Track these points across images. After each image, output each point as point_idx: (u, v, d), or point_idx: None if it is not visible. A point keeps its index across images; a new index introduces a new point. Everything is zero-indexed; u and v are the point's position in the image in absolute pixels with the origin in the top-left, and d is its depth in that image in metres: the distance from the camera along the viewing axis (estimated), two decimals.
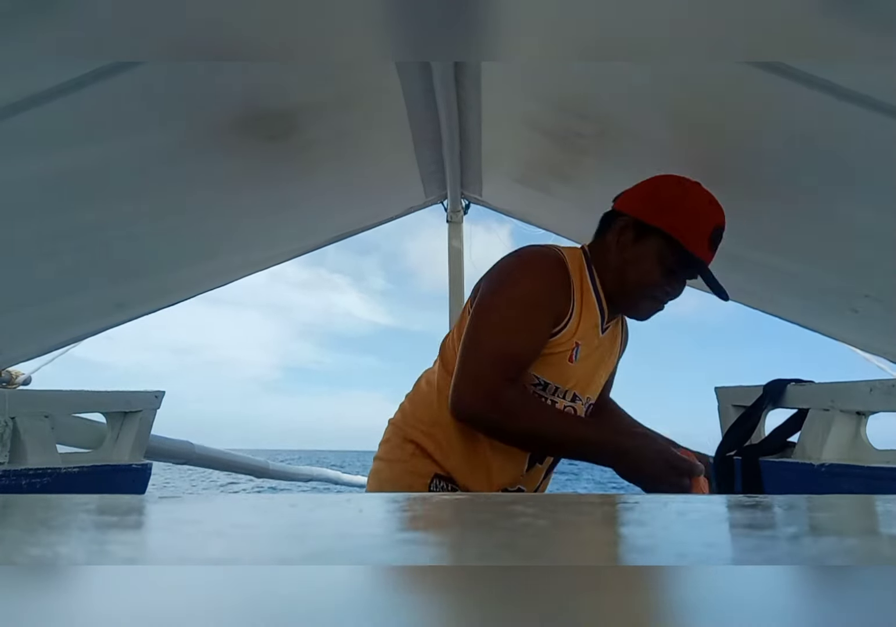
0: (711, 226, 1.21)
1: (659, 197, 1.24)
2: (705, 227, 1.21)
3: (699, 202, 1.22)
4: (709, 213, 1.22)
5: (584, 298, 1.24)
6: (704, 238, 1.21)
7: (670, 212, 1.21)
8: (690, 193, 1.23)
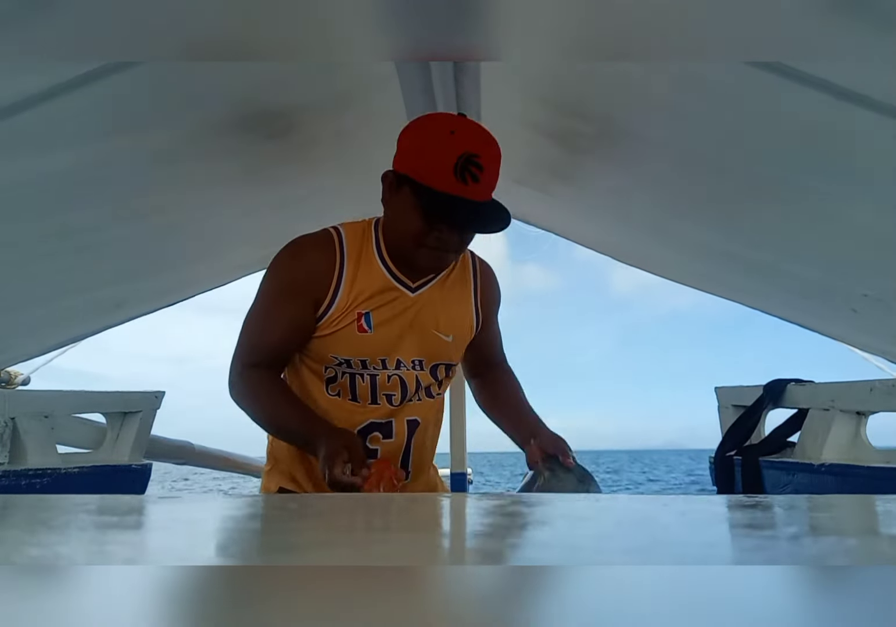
0: (452, 157, 1.10)
1: (401, 140, 1.19)
2: (445, 161, 1.10)
3: (434, 137, 1.13)
4: (447, 146, 1.11)
5: (361, 268, 1.24)
6: (448, 173, 1.10)
7: (408, 153, 1.17)
8: (426, 131, 1.16)
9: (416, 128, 1.18)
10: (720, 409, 2.15)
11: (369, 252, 1.26)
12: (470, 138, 1.13)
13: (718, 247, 1.73)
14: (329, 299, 1.22)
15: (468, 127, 1.15)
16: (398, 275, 1.25)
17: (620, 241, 2.21)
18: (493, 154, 1.15)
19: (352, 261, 1.23)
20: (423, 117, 1.21)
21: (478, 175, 1.12)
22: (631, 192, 1.70)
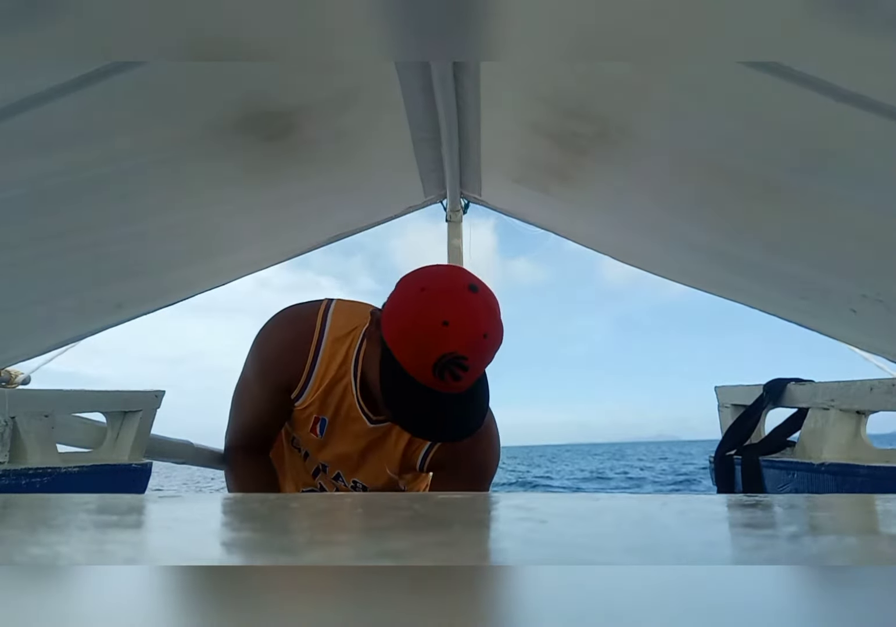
0: (436, 354, 0.99)
1: (393, 301, 1.07)
2: (427, 354, 1.00)
3: (425, 323, 1.00)
4: (435, 339, 1.00)
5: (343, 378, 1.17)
6: (426, 365, 1.00)
7: (394, 324, 1.04)
8: (421, 309, 1.02)
9: (414, 300, 1.04)
10: (720, 408, 2.15)
11: (347, 363, 1.18)
12: (464, 336, 1.00)
13: (718, 247, 1.73)
14: (297, 391, 1.20)
15: (466, 317, 1.01)
16: (361, 401, 1.19)
17: (620, 241, 2.21)
18: (487, 352, 1.03)
19: (324, 364, 1.17)
20: (430, 279, 1.06)
21: (460, 375, 1.01)
22: (631, 192, 1.70)
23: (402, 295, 1.07)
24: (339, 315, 1.20)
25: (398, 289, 1.10)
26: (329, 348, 1.17)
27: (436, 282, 1.06)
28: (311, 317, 1.19)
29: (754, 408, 1.95)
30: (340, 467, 1.26)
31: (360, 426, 1.20)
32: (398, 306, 1.06)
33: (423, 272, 1.10)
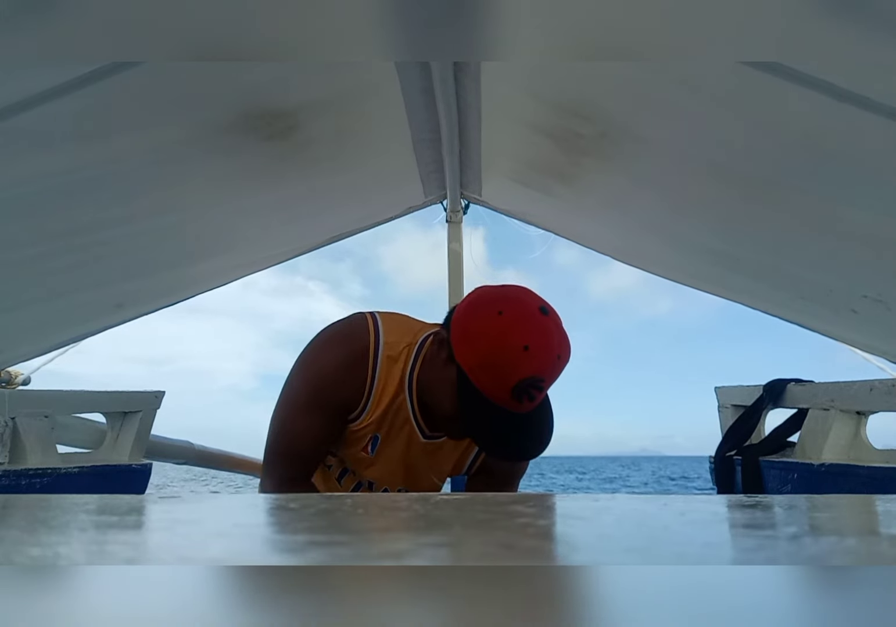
0: (516, 378, 1.02)
1: (468, 325, 1.08)
2: (508, 378, 1.02)
3: (507, 347, 1.02)
4: (516, 363, 1.02)
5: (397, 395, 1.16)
6: (505, 389, 1.03)
7: (471, 349, 1.05)
8: (501, 333, 1.03)
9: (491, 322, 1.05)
10: (720, 409, 2.15)
11: (402, 383, 1.17)
12: (542, 359, 1.03)
13: (718, 248, 1.73)
14: (357, 411, 1.17)
15: (545, 341, 1.04)
16: (419, 418, 1.19)
17: (621, 241, 2.21)
18: (559, 372, 1.07)
19: (381, 382, 1.16)
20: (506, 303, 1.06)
21: (535, 396, 1.04)
22: (631, 193, 1.70)
23: (479, 318, 1.07)
24: (390, 332, 1.18)
25: (472, 311, 1.09)
26: (385, 366, 1.15)
27: (511, 305, 1.07)
28: (363, 335, 1.16)
29: (754, 409, 1.95)
30: (388, 483, 1.25)
31: (414, 441, 1.20)
32: (476, 330, 1.06)
33: (496, 294, 1.10)
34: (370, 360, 1.14)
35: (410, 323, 1.25)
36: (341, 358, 1.14)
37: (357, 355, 1.14)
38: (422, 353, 1.17)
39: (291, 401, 1.17)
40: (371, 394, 1.15)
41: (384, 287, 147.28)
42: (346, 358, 1.14)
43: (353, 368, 1.14)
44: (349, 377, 1.14)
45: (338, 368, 1.14)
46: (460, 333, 1.08)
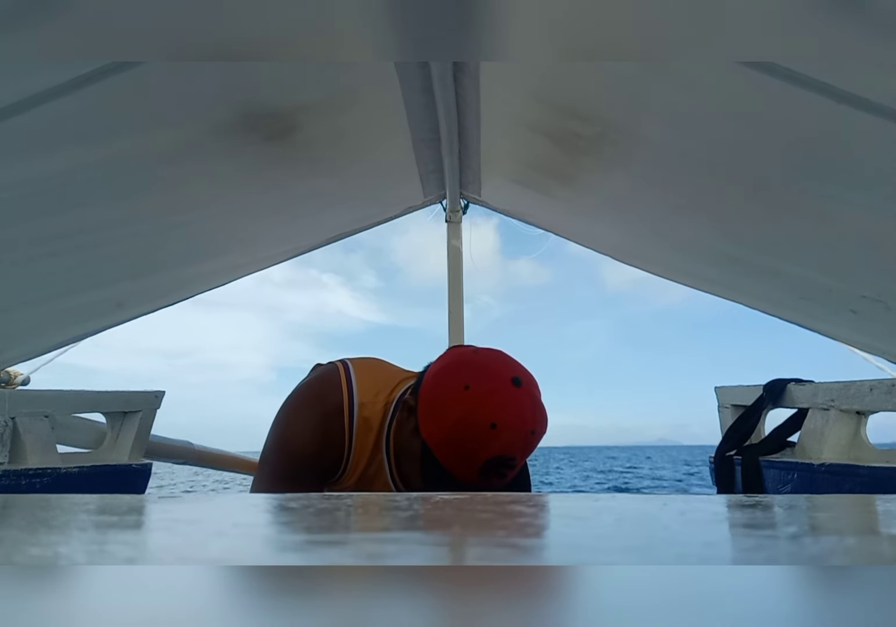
0: (483, 457, 0.96)
1: (434, 398, 1.01)
2: (474, 458, 0.97)
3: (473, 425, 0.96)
4: (483, 442, 0.96)
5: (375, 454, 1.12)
6: (472, 468, 0.97)
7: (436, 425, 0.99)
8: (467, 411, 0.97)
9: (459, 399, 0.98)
10: (720, 409, 2.15)
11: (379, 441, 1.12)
12: (512, 437, 0.96)
13: (718, 249, 1.73)
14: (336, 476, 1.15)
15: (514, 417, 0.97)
16: (397, 480, 1.15)
17: (620, 242, 2.21)
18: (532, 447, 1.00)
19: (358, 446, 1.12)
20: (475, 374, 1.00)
21: (506, 473, 0.99)
22: (630, 193, 1.70)
23: (445, 392, 1.01)
24: (364, 389, 1.12)
25: (438, 383, 1.03)
26: (360, 428, 1.10)
27: (480, 378, 1.00)
28: (335, 396, 1.10)
29: (754, 409, 1.95)
30: None
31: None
32: (440, 405, 1.00)
33: (464, 364, 1.04)
34: (345, 422, 1.10)
35: (387, 372, 1.19)
36: (313, 425, 1.09)
37: (330, 419, 1.10)
38: (398, 412, 1.11)
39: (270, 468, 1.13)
40: (349, 457, 1.11)
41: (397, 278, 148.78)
42: (319, 424, 1.09)
43: (327, 435, 1.09)
44: (324, 446, 1.10)
45: (312, 437, 1.09)
46: (426, 406, 1.01)
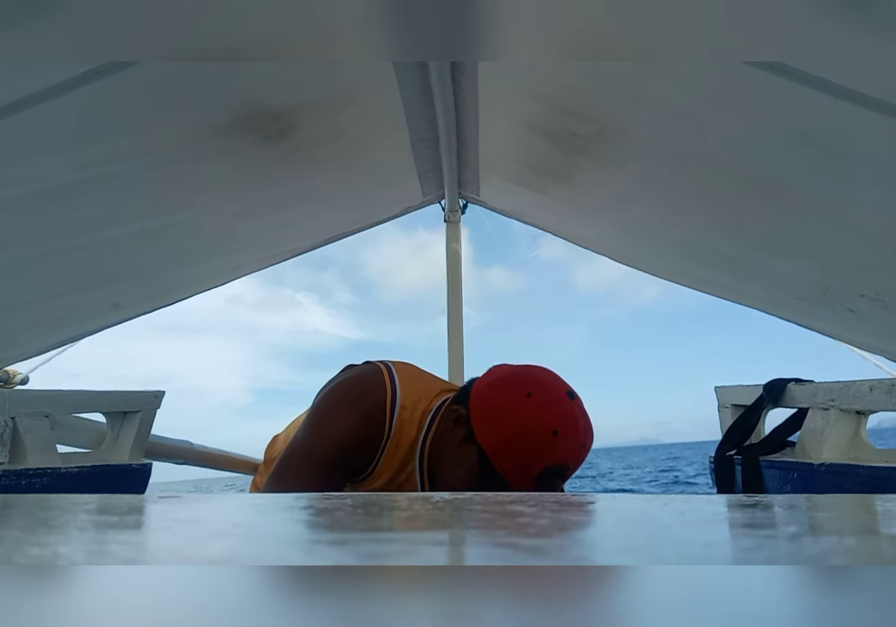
0: (542, 465, 0.99)
1: (494, 406, 1.04)
2: (533, 465, 0.99)
3: (535, 432, 0.99)
4: (543, 450, 0.99)
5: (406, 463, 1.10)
6: (529, 476, 1.00)
7: (495, 432, 1.01)
8: (529, 418, 1.00)
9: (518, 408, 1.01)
10: (720, 409, 2.15)
11: (413, 451, 1.11)
12: (569, 446, 1.00)
13: (716, 248, 1.73)
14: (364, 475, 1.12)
15: (573, 427, 1.01)
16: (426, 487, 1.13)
17: (618, 242, 2.21)
18: (583, 460, 1.02)
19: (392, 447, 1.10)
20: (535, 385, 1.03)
21: (558, 485, 1.01)
22: (629, 193, 1.70)
23: (506, 399, 1.03)
24: (407, 393, 1.12)
25: (497, 391, 1.05)
26: (398, 430, 1.10)
27: (541, 388, 1.03)
28: (379, 393, 1.10)
29: (754, 408, 1.95)
30: None
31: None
32: (501, 413, 1.02)
33: (522, 375, 1.07)
34: (386, 421, 1.09)
35: (426, 381, 1.19)
36: (359, 416, 1.08)
37: (373, 414, 1.09)
38: (436, 421, 1.12)
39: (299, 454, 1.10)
40: (381, 457, 1.10)
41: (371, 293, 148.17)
42: (363, 416, 1.08)
43: (369, 427, 1.08)
44: (363, 441, 1.08)
45: (356, 426, 1.08)
46: (484, 413, 1.04)
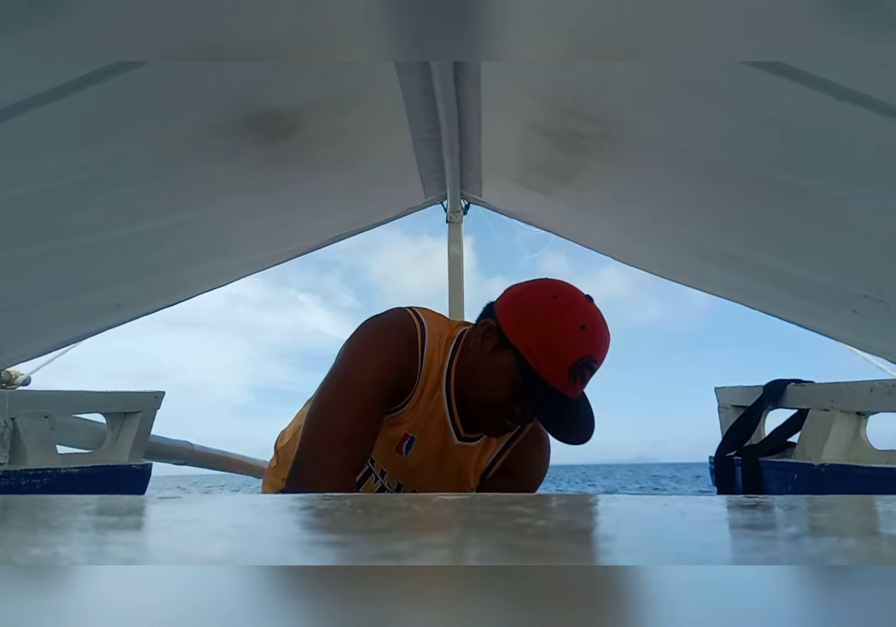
0: (574, 356, 1.05)
1: (523, 309, 1.11)
2: (566, 357, 1.05)
3: (565, 326, 1.06)
4: (574, 342, 1.06)
5: (434, 392, 1.14)
6: (563, 368, 1.05)
7: (528, 331, 1.07)
8: (559, 314, 1.07)
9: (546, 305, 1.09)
10: (720, 409, 2.15)
11: (440, 378, 1.15)
12: (597, 339, 1.08)
13: (718, 248, 1.73)
14: (402, 403, 1.14)
15: (598, 323, 1.09)
16: (455, 417, 1.17)
17: (621, 241, 2.21)
18: (606, 354, 1.10)
19: (424, 375, 1.13)
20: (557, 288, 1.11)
21: (588, 377, 1.08)
22: (631, 193, 1.70)
23: (534, 303, 1.11)
24: (432, 323, 1.17)
25: (524, 298, 1.12)
26: (428, 356, 1.14)
27: (563, 290, 1.12)
28: (410, 324, 1.14)
29: (754, 409, 1.95)
30: (417, 485, 1.21)
31: (448, 444, 1.17)
32: (532, 313, 1.09)
33: (544, 283, 1.15)
34: (419, 348, 1.13)
35: (446, 318, 1.26)
36: (399, 342, 1.12)
37: (410, 340, 1.13)
38: (459, 347, 1.17)
39: (345, 384, 1.10)
40: (416, 384, 1.13)
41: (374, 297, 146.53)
42: (402, 342, 1.13)
43: (409, 353, 1.12)
44: (406, 363, 1.12)
45: (399, 351, 1.12)
46: (515, 318, 1.10)
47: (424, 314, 1.18)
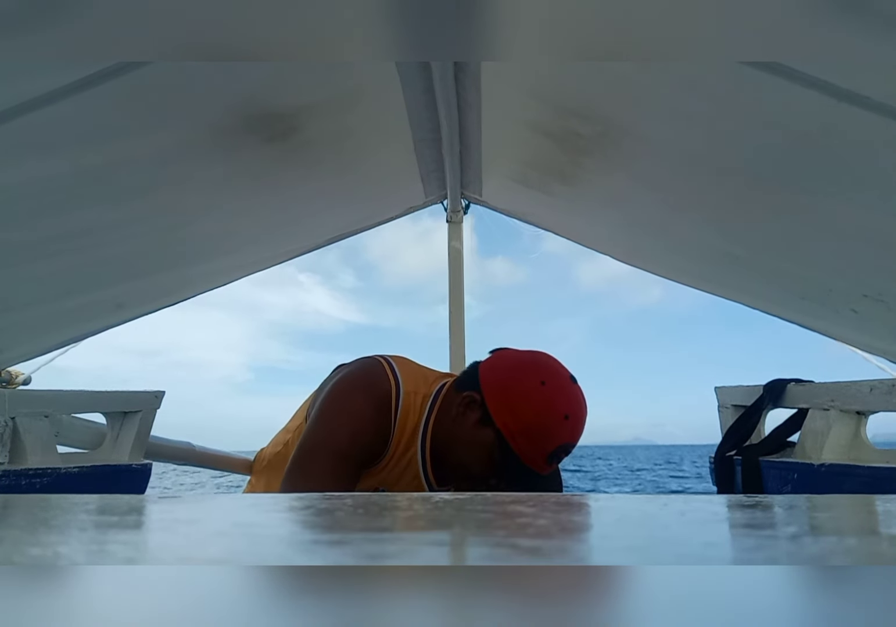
0: (554, 444, 1.11)
1: (510, 393, 1.14)
2: (547, 445, 1.11)
3: (550, 416, 1.11)
4: (556, 431, 1.11)
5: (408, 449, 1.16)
6: (542, 454, 1.11)
7: (514, 416, 1.11)
8: (545, 404, 1.12)
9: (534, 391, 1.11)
10: (720, 409, 2.15)
11: (414, 437, 1.18)
12: (577, 427, 1.12)
13: (719, 248, 1.73)
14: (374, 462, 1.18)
15: (580, 410, 1.13)
16: (429, 473, 1.20)
17: (621, 241, 2.21)
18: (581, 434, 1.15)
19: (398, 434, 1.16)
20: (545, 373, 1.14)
21: (562, 459, 1.14)
22: (631, 193, 1.70)
23: (522, 387, 1.14)
24: (407, 380, 1.19)
25: (512, 379, 1.15)
26: (403, 416, 1.16)
27: (551, 377, 1.15)
28: (385, 383, 1.16)
29: (754, 409, 1.95)
30: None
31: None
32: (520, 399, 1.13)
33: (532, 363, 1.17)
34: (392, 408, 1.15)
35: (422, 371, 1.26)
36: (373, 405, 1.14)
37: (383, 402, 1.14)
38: (436, 406, 1.18)
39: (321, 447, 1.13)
40: (390, 443, 1.15)
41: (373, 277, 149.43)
42: (376, 405, 1.14)
43: (382, 415, 1.14)
44: (379, 425, 1.14)
45: (372, 415, 1.13)
46: (501, 400, 1.13)
47: (401, 369, 1.19)
